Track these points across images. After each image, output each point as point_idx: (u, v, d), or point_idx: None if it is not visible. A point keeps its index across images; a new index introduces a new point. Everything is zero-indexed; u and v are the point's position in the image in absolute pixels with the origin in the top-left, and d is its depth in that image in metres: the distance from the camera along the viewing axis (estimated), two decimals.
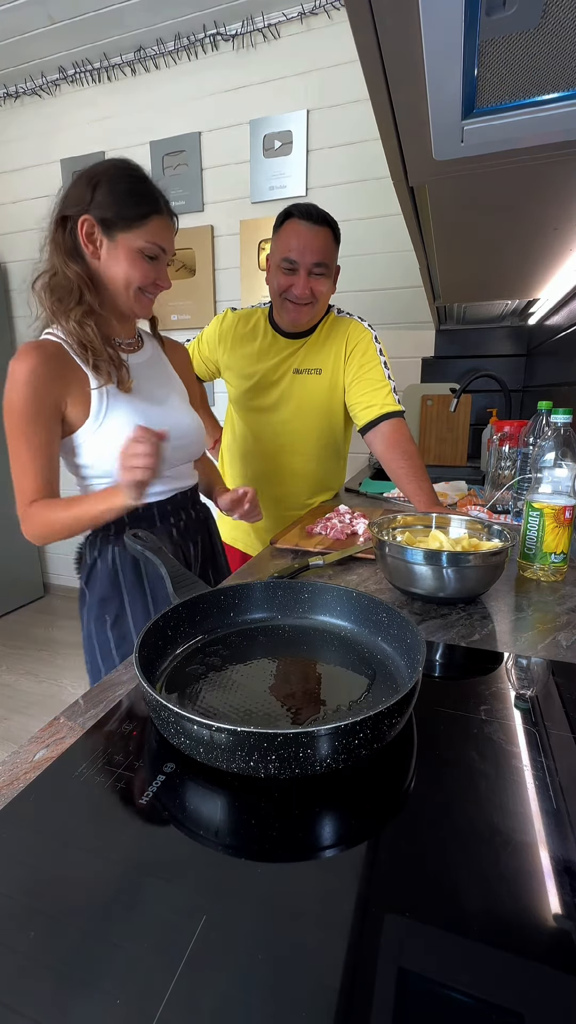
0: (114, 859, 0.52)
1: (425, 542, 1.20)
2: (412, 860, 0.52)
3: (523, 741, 0.69)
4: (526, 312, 2.66)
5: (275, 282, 1.71)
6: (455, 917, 0.46)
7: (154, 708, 0.64)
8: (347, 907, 0.47)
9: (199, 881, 0.50)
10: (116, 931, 0.45)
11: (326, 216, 1.66)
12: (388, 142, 0.78)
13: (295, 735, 0.56)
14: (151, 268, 1.23)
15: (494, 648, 0.94)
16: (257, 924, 0.46)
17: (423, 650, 0.72)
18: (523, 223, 1.15)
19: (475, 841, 0.54)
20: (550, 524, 1.18)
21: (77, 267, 1.20)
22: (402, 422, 1.76)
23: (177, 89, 3.35)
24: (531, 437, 1.66)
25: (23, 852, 0.53)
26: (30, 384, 1.14)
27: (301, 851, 0.54)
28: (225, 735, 0.57)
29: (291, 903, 0.48)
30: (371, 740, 0.60)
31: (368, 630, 0.89)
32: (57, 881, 0.50)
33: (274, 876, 0.51)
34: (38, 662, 3.58)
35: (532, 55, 0.55)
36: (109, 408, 1.23)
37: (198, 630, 0.90)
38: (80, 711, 0.77)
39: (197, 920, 0.46)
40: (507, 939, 0.44)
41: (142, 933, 0.45)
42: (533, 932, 0.45)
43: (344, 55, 2.93)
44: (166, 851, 0.54)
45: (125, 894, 0.49)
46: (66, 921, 0.46)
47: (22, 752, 0.68)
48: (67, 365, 1.20)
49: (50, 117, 3.70)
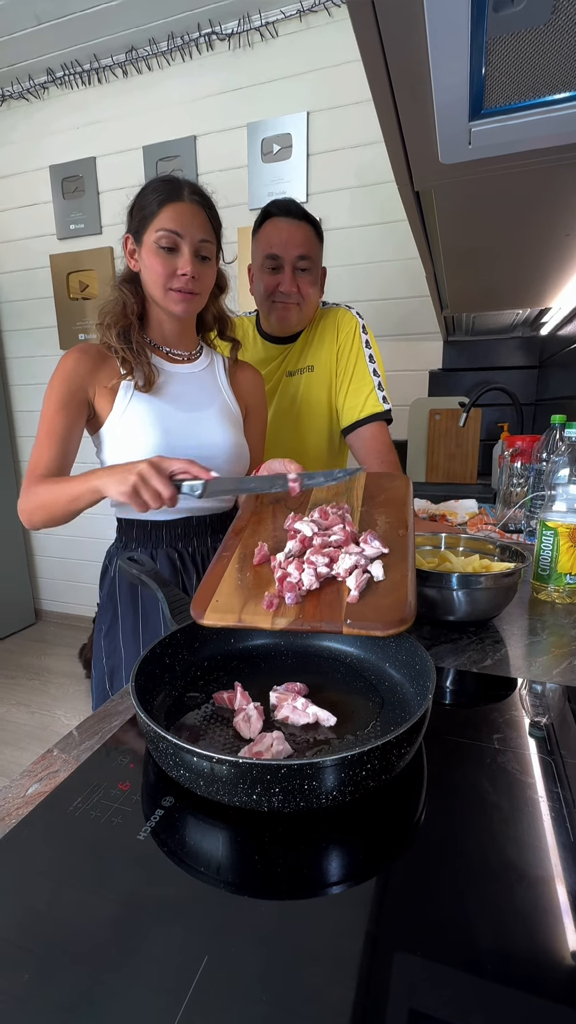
0: (111, 898, 0.53)
1: (434, 563, 1.21)
2: (423, 896, 0.52)
3: (538, 771, 0.69)
4: (538, 322, 2.67)
5: (260, 285, 1.72)
6: (468, 956, 0.47)
7: (152, 739, 0.65)
8: (355, 946, 0.48)
9: (200, 920, 0.50)
10: (114, 973, 0.46)
11: (306, 212, 1.67)
12: (392, 145, 0.78)
13: (300, 766, 0.56)
14: (169, 259, 1.26)
15: (507, 674, 0.95)
16: (261, 965, 0.46)
17: (433, 676, 0.72)
18: (534, 229, 1.16)
19: (488, 876, 0.54)
20: (565, 544, 1.19)
21: (126, 287, 1.35)
22: (383, 427, 1.75)
23: (171, 91, 3.39)
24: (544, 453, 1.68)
25: (16, 891, 0.54)
26: (65, 374, 1.30)
27: (307, 888, 0.55)
28: (226, 767, 0.57)
29: (296, 942, 0.49)
30: (379, 771, 0.61)
31: (375, 655, 0.90)
32: (52, 921, 0.51)
33: (279, 914, 0.51)
34: (30, 691, 3.58)
35: (542, 52, 0.55)
36: (131, 404, 1.32)
37: (197, 657, 0.91)
38: (75, 743, 0.77)
39: (199, 961, 0.46)
40: (523, 979, 0.45)
41: (141, 976, 0.45)
42: (550, 971, 0.45)
43: (346, 54, 2.95)
44: (165, 889, 0.54)
45: (123, 935, 0.49)
46: (62, 963, 0.47)
47: (14, 786, 0.69)
48: (103, 362, 1.33)
49: (39, 122, 3.75)
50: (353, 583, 0.84)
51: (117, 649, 1.42)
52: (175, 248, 1.25)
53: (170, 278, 1.27)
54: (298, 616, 0.82)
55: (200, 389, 1.43)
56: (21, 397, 4.31)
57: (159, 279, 1.27)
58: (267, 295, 1.70)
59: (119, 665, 1.41)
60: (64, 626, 4.54)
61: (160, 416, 1.33)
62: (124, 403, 1.32)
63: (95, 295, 3.81)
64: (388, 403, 1.76)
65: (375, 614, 0.80)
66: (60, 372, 1.31)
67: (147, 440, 1.30)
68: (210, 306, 1.44)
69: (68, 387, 1.30)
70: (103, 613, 1.46)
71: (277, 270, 1.67)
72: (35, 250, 3.96)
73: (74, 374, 1.30)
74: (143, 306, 1.38)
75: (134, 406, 1.32)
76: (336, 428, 1.86)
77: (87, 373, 1.31)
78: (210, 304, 1.44)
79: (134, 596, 1.40)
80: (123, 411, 1.32)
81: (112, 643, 1.43)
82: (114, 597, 1.42)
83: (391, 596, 0.82)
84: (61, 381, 1.30)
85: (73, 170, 3.70)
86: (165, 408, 1.34)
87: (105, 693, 1.44)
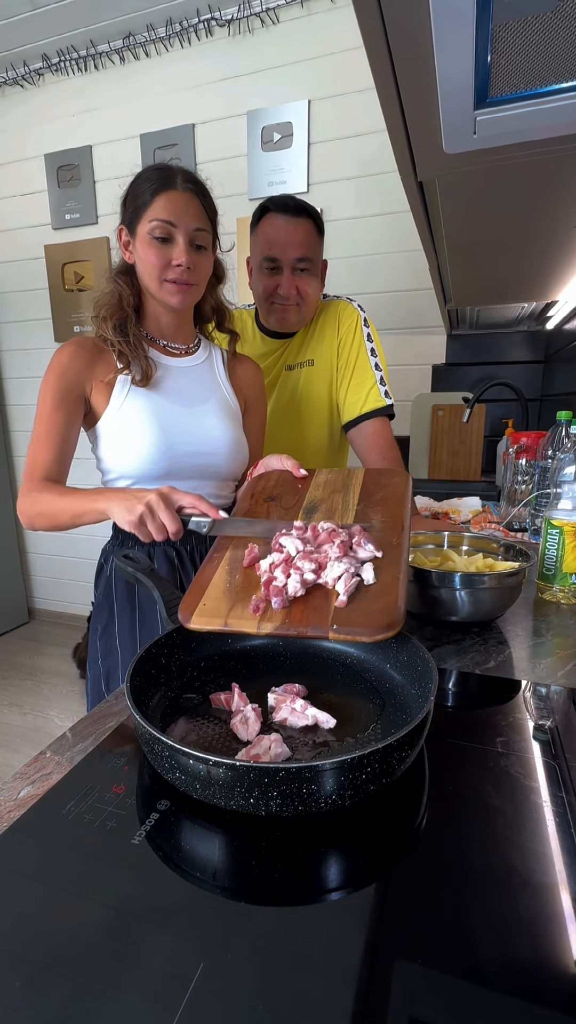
0: (105, 903, 0.53)
1: (437, 562, 1.21)
2: (424, 903, 0.52)
3: (542, 775, 0.69)
4: (543, 316, 2.67)
5: (258, 285, 1.72)
6: (470, 964, 0.46)
7: (147, 741, 0.64)
8: (354, 954, 0.48)
9: (196, 927, 0.50)
10: (108, 981, 0.46)
11: (305, 206, 1.66)
12: (395, 134, 0.78)
13: (298, 770, 0.56)
14: (163, 250, 1.26)
15: (511, 676, 0.95)
16: (258, 973, 0.46)
17: (435, 678, 0.72)
18: (540, 220, 1.16)
19: (491, 883, 0.54)
20: (571, 543, 1.19)
21: (122, 279, 1.35)
22: (385, 422, 1.75)
23: (169, 78, 3.38)
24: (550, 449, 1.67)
25: (7, 896, 0.54)
26: (61, 368, 1.30)
27: (305, 894, 0.55)
28: (223, 770, 0.57)
29: (294, 950, 0.48)
30: (380, 775, 0.60)
31: (376, 656, 0.90)
32: (44, 927, 0.51)
33: (276, 921, 0.51)
34: (22, 692, 3.58)
35: (549, 40, 0.55)
36: (128, 399, 1.32)
37: (194, 657, 0.91)
38: (68, 745, 0.77)
39: (194, 969, 0.46)
40: (526, 987, 0.45)
41: (135, 983, 0.45)
42: (554, 980, 0.45)
43: (348, 41, 2.94)
44: (160, 895, 0.54)
45: (117, 941, 0.49)
46: (54, 970, 0.47)
47: (6, 789, 0.69)
48: (100, 355, 1.33)
49: (33, 109, 3.75)
50: (342, 587, 0.84)
51: (113, 649, 1.41)
52: (169, 238, 1.25)
53: (165, 269, 1.26)
54: (285, 620, 0.82)
55: (198, 383, 1.43)
56: (14, 391, 4.30)
57: (154, 270, 1.27)
58: (266, 296, 1.70)
59: (115, 666, 1.41)
60: (58, 625, 4.53)
61: (158, 411, 1.33)
62: (121, 398, 1.32)
63: (91, 287, 3.79)
64: (390, 398, 1.75)
65: (363, 619, 0.79)
66: (55, 367, 1.30)
67: (144, 436, 1.30)
68: (208, 297, 1.44)
69: (64, 383, 1.29)
70: (99, 612, 1.45)
71: (276, 271, 1.66)
72: (29, 240, 3.95)
73: (70, 369, 1.30)
74: (139, 298, 1.38)
75: (131, 401, 1.32)
76: (337, 423, 1.86)
77: (83, 368, 1.31)
78: (208, 295, 1.43)
79: (131, 595, 1.40)
80: (120, 406, 1.32)
81: (108, 643, 1.42)
82: (110, 596, 1.42)
83: (380, 600, 0.82)
84: (57, 376, 1.29)
85: (69, 158, 3.69)
86: (163, 403, 1.34)
87: (101, 694, 1.43)
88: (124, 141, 3.55)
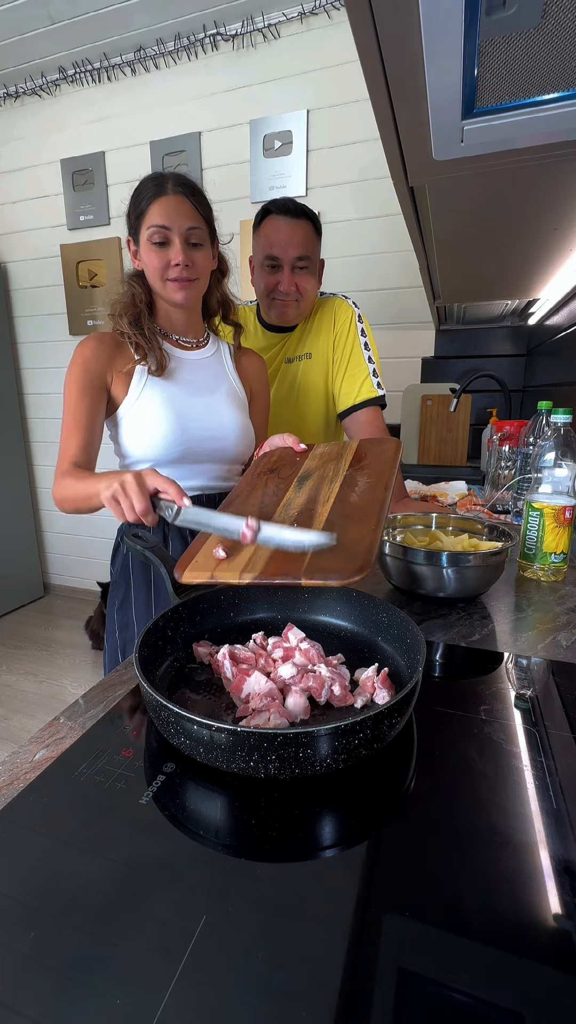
0: (114, 859, 0.52)
1: (425, 542, 1.20)
2: (412, 860, 0.52)
3: (523, 741, 0.69)
4: (526, 312, 2.65)
5: (260, 282, 1.71)
6: (455, 917, 0.46)
7: (154, 708, 0.64)
8: (347, 907, 0.47)
9: (199, 881, 0.50)
10: (116, 931, 0.45)
11: (304, 209, 1.65)
12: (388, 142, 0.77)
13: (295, 735, 0.56)
14: (162, 253, 1.26)
15: (494, 648, 0.94)
16: (257, 924, 0.46)
17: (423, 650, 0.72)
18: (523, 223, 1.15)
19: (475, 841, 0.54)
20: (550, 524, 1.19)
21: (135, 281, 1.36)
22: (377, 411, 1.75)
23: (177, 89, 3.34)
24: (531, 437, 1.67)
25: (23, 852, 0.54)
26: (84, 360, 1.30)
27: (301, 851, 0.54)
28: (225, 735, 0.57)
29: (291, 903, 0.48)
30: (371, 740, 0.60)
31: (368, 630, 0.89)
32: (57, 881, 0.50)
33: (274, 876, 0.51)
34: (38, 662, 3.58)
35: (532, 55, 0.55)
36: (145, 388, 1.33)
37: (198, 629, 0.90)
38: (80, 711, 0.77)
39: (197, 920, 0.46)
40: (507, 939, 0.44)
41: (142, 933, 0.45)
42: (533, 932, 0.45)
43: (344, 55, 2.91)
44: (166, 851, 0.54)
45: (125, 894, 0.49)
46: (66, 921, 0.46)
47: (22, 752, 0.68)
48: (118, 349, 1.34)
49: (50, 117, 3.69)
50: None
51: (130, 623, 1.41)
52: (166, 241, 1.25)
53: (166, 269, 1.27)
54: (263, 572, 0.80)
55: (209, 374, 1.43)
56: (31, 381, 4.26)
57: (156, 272, 1.28)
58: (267, 292, 1.70)
59: (131, 638, 1.40)
60: (71, 599, 4.52)
61: (173, 400, 1.33)
62: (139, 388, 1.32)
63: (103, 283, 3.76)
64: (382, 389, 1.75)
65: (334, 564, 0.77)
66: (78, 359, 1.30)
67: (162, 422, 1.30)
68: (214, 291, 1.44)
69: (88, 374, 1.29)
70: (116, 588, 1.45)
71: (276, 269, 1.65)
72: (46, 240, 3.91)
73: (92, 360, 1.30)
74: (151, 298, 1.38)
75: (148, 391, 1.32)
76: (332, 412, 1.86)
77: (105, 359, 1.31)
78: (213, 289, 1.43)
79: (146, 571, 1.40)
80: (138, 395, 1.32)
81: (125, 617, 1.42)
82: (127, 572, 1.42)
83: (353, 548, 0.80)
84: (81, 368, 1.30)
85: (83, 164, 3.64)
86: (177, 392, 1.35)
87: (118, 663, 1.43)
88: (135, 148, 3.50)
